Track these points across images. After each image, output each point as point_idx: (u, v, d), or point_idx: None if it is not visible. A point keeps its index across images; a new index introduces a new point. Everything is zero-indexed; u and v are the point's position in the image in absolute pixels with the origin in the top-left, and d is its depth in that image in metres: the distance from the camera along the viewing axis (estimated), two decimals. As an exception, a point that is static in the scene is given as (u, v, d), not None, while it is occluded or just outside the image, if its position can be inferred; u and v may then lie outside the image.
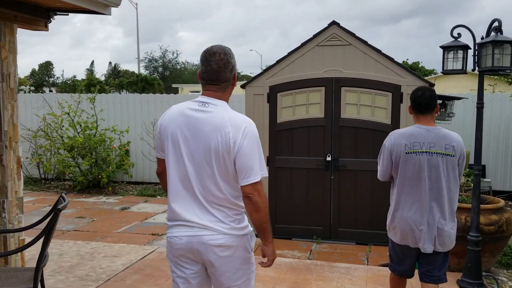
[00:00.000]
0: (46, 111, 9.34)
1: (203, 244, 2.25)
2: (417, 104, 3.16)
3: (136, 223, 6.63)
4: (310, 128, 5.85)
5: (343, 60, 5.72)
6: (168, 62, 56.42)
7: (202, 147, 2.23)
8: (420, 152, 3.05)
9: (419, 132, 3.11)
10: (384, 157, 3.20)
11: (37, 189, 9.28)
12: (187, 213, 2.26)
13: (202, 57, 2.32)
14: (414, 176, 3.06)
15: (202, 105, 2.29)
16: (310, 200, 5.89)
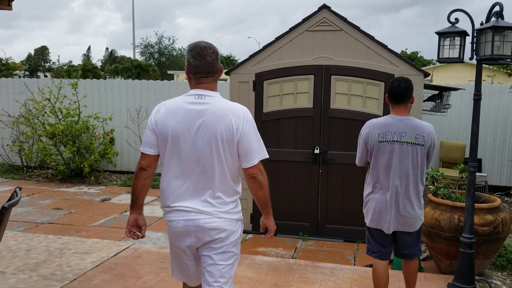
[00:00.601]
0: (27, 97, 8.96)
1: (200, 227, 2.43)
2: (392, 94, 3.33)
3: (114, 216, 6.32)
4: (298, 119, 5.52)
5: (334, 46, 5.38)
6: (164, 48, 55.73)
7: (206, 138, 2.39)
8: (392, 141, 3.25)
9: (392, 121, 3.29)
10: (360, 145, 3.46)
11: (18, 177, 8.95)
12: (187, 200, 2.44)
13: (195, 53, 2.43)
14: (385, 163, 3.27)
15: (198, 97, 2.43)
16: (297, 194, 5.59)
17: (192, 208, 2.44)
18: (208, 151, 2.41)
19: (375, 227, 3.41)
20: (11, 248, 4.76)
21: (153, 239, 5.35)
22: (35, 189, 7.94)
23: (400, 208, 3.26)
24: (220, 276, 2.50)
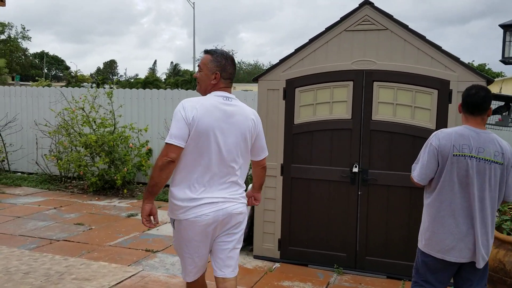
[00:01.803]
0: (63, 106, 8.80)
1: (226, 214, 2.77)
2: (468, 103, 2.95)
3: (135, 235, 5.83)
4: (334, 132, 4.78)
5: (377, 48, 4.61)
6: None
7: (236, 134, 2.77)
8: (469, 156, 2.84)
9: (468, 133, 2.89)
10: (428, 157, 2.95)
11: (54, 188, 8.78)
12: (216, 191, 2.74)
13: (232, 61, 2.90)
14: (460, 181, 2.86)
15: (227, 99, 2.80)
16: (331, 219, 4.83)
17: (220, 198, 2.75)
18: (236, 147, 2.79)
19: (434, 255, 2.94)
20: (10, 269, 4.37)
21: (167, 265, 4.78)
22: (65, 202, 7.67)
23: (473, 236, 2.84)
24: (237, 259, 2.92)
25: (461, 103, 3.02)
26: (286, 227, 4.98)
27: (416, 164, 3.09)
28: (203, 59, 2.89)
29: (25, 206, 7.23)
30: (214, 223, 2.72)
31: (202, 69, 2.87)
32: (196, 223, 2.69)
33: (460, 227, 2.85)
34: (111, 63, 80.00)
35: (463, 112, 3.01)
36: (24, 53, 61.12)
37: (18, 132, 10.01)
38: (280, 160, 4.95)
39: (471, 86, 3.02)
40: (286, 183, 4.96)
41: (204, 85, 2.88)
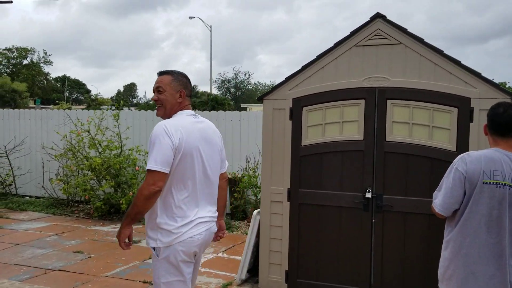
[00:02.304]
0: (70, 129, 8.63)
1: (211, 234, 2.85)
2: (496, 123, 2.61)
3: (134, 264, 5.50)
4: (344, 154, 4.42)
5: (390, 64, 4.28)
6: (240, 83, 56.63)
7: (214, 151, 2.87)
8: (502, 184, 2.47)
9: (500, 158, 2.53)
10: (453, 184, 2.56)
11: (59, 212, 8.53)
12: (204, 211, 2.76)
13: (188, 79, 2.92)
14: (489, 214, 2.49)
15: (196, 117, 2.85)
16: (343, 249, 4.43)
17: (208, 217, 2.80)
18: (214, 163, 2.85)
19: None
20: (-5, 303, 4.07)
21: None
22: (68, 227, 7.40)
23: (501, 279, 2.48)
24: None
25: (487, 123, 2.69)
26: (294, 257, 4.60)
27: (438, 192, 2.70)
28: (162, 80, 2.85)
29: (27, 232, 6.98)
30: (203, 243, 2.77)
31: (165, 90, 2.81)
32: (191, 244, 2.68)
33: (486, 267, 2.46)
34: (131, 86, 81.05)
35: (491, 133, 2.67)
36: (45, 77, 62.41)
37: (27, 155, 9.87)
38: (287, 184, 4.60)
39: (497, 104, 2.69)
40: (294, 210, 4.59)
41: (170, 105, 2.83)
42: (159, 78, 2.88)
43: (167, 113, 2.83)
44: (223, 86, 56.73)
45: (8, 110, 10.33)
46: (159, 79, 2.86)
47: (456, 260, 2.55)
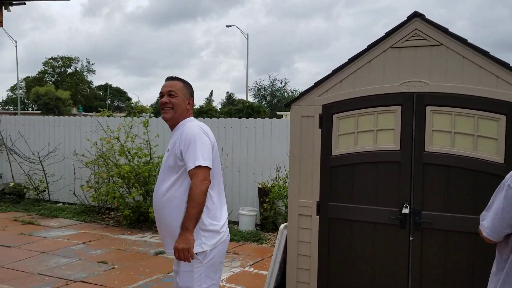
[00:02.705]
0: (100, 136, 8.59)
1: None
2: None
3: (157, 277, 5.30)
4: (379, 165, 4.07)
5: (430, 67, 3.91)
6: (276, 91, 56.46)
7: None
8: None
9: None
10: (505, 205, 2.16)
11: (90, 220, 8.50)
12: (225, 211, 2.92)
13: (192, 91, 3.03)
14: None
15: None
16: (377, 269, 4.07)
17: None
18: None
19: None
20: (10, 316, 3.94)
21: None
22: (96, 235, 7.32)
23: None
24: None
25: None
26: (323, 276, 4.27)
27: (486, 212, 2.31)
28: (174, 85, 2.88)
29: (54, 240, 6.93)
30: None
31: (177, 95, 2.85)
32: (227, 243, 2.83)
33: None
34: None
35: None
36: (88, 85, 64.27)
37: (60, 162, 9.94)
38: (316, 197, 4.28)
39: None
40: (323, 225, 4.27)
41: (180, 110, 2.86)
42: (170, 82, 2.91)
43: (176, 117, 2.84)
44: (259, 94, 56.78)
45: (43, 117, 10.46)
46: (171, 84, 2.89)
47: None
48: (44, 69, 60.19)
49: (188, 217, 2.52)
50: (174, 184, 2.67)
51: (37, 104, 42.30)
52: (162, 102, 2.85)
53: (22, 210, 9.24)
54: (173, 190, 2.67)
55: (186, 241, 2.51)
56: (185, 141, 2.65)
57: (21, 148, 10.30)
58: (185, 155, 2.63)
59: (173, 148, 2.73)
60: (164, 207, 2.70)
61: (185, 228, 2.53)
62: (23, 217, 8.60)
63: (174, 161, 2.70)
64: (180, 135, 2.73)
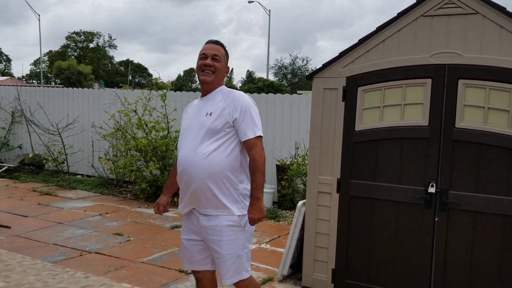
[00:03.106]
0: (118, 108, 8.49)
1: None
2: None
3: (172, 250, 5.22)
4: (405, 141, 3.85)
5: (464, 37, 3.63)
6: (298, 69, 55.83)
7: None
8: None
9: None
10: None
11: (107, 192, 8.48)
12: None
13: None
14: None
15: None
16: (399, 250, 3.89)
17: None
18: None
19: None
20: (22, 287, 3.89)
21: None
22: (113, 208, 7.28)
23: None
24: None
25: None
26: (342, 255, 4.11)
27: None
28: (219, 50, 2.83)
29: (71, 211, 6.92)
30: None
31: (221, 60, 2.81)
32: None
33: None
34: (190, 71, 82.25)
35: None
36: (110, 60, 64.56)
37: (79, 134, 9.92)
38: (337, 174, 4.09)
39: None
40: (344, 202, 4.08)
41: (220, 75, 2.83)
42: (215, 46, 2.84)
43: (215, 81, 2.80)
44: (279, 72, 56.20)
45: (62, 89, 10.43)
46: (216, 47, 2.83)
47: None
48: (67, 44, 60.58)
49: (258, 187, 2.66)
50: (219, 148, 2.67)
51: (60, 78, 42.70)
52: (205, 64, 2.75)
53: (41, 181, 9.28)
54: (217, 153, 2.66)
55: (260, 210, 2.67)
56: (240, 109, 2.68)
57: (40, 120, 10.30)
58: (241, 123, 2.68)
59: (222, 113, 2.70)
60: (204, 168, 2.64)
61: (256, 198, 2.66)
62: (41, 187, 8.64)
63: (221, 126, 2.68)
64: (233, 102, 2.71)
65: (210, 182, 2.64)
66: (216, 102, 2.75)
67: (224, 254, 2.70)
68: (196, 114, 2.80)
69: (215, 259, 2.77)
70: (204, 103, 2.81)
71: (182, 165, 2.72)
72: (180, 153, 2.77)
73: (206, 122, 2.70)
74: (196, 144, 2.68)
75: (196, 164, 2.65)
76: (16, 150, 10.82)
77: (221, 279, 2.77)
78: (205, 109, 2.76)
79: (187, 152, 2.71)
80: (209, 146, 2.66)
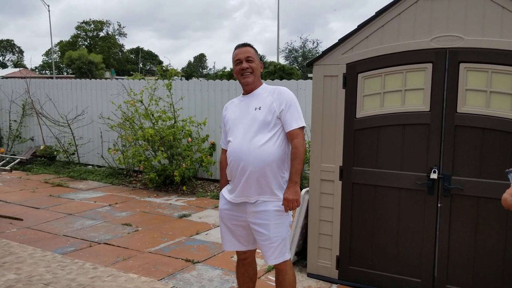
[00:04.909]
0: (125, 99, 8.53)
1: None
2: None
3: (180, 239, 5.28)
4: (406, 127, 3.82)
5: (465, 20, 3.56)
6: (308, 52, 55.34)
7: None
8: None
9: None
10: None
11: (117, 182, 8.59)
12: None
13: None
14: None
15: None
16: (403, 236, 3.89)
17: None
18: None
19: None
20: (33, 278, 3.98)
21: (203, 280, 4.14)
22: (123, 198, 7.38)
23: None
24: None
25: None
26: (345, 242, 4.12)
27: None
28: (249, 51, 3.05)
29: (81, 202, 7.03)
30: None
31: (254, 59, 3.04)
32: None
33: None
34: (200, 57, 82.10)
35: None
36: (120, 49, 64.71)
37: (89, 125, 10.01)
38: (339, 162, 4.09)
39: None
40: (346, 190, 4.08)
41: (258, 73, 3.07)
42: (245, 48, 3.06)
43: (255, 80, 3.04)
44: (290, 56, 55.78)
45: (70, 80, 10.49)
46: (247, 49, 3.05)
47: None
48: (77, 33, 60.82)
49: (296, 172, 2.92)
50: (271, 139, 2.92)
51: (71, 68, 42.98)
52: (243, 68, 3.01)
53: (53, 173, 9.42)
54: (270, 144, 2.91)
55: (296, 193, 2.92)
56: (286, 102, 2.96)
57: (50, 112, 10.41)
58: (286, 115, 2.95)
59: (271, 107, 2.96)
60: (258, 157, 2.88)
61: (294, 182, 2.92)
62: (53, 179, 8.77)
63: (271, 118, 2.94)
64: (279, 96, 2.99)
65: (264, 169, 2.89)
66: (263, 97, 3.01)
67: (271, 236, 2.94)
68: (243, 110, 3.03)
69: (261, 241, 2.99)
70: (250, 99, 3.05)
71: (237, 154, 2.93)
72: (233, 145, 2.98)
73: (257, 115, 2.95)
74: (250, 135, 2.92)
75: (252, 153, 2.89)
76: (28, 143, 10.98)
77: (267, 260, 3.01)
78: (253, 104, 3.01)
79: (241, 143, 2.94)
80: (263, 137, 2.91)
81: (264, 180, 2.90)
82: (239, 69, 3.02)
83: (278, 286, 3.15)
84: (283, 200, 2.93)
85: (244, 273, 3.31)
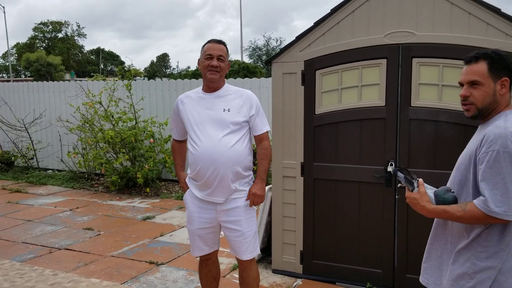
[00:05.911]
0: (83, 101, 8.34)
1: None
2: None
3: (143, 242, 5.21)
4: (363, 122, 3.90)
5: (416, 16, 3.67)
6: (272, 50, 55.58)
7: None
8: None
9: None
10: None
11: (78, 186, 8.39)
12: None
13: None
14: None
15: None
16: (363, 229, 3.97)
17: None
18: None
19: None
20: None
21: (168, 282, 4.11)
22: (84, 202, 7.22)
23: None
24: None
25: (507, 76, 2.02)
26: (309, 237, 4.17)
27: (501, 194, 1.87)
28: (223, 49, 3.04)
29: (41, 208, 6.83)
30: None
31: (225, 60, 3.04)
32: None
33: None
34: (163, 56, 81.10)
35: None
36: (80, 50, 63.15)
37: (47, 128, 9.74)
38: (300, 158, 4.13)
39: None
40: (308, 185, 4.13)
41: (224, 73, 3.06)
42: (219, 46, 3.04)
43: (220, 80, 3.05)
44: (254, 54, 55.83)
45: (26, 83, 10.18)
46: (221, 48, 3.03)
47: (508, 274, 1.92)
48: (34, 35, 59.00)
49: (265, 170, 3.08)
50: (239, 140, 2.99)
51: (29, 70, 41.67)
52: (212, 65, 2.97)
53: (11, 178, 9.12)
54: (239, 144, 2.98)
55: (263, 189, 3.06)
56: (256, 107, 3.07)
57: (6, 116, 10.07)
58: (256, 119, 3.06)
59: (241, 110, 3.02)
60: (230, 158, 2.93)
61: (262, 179, 3.07)
62: (11, 185, 8.49)
63: (241, 120, 3.01)
64: (248, 101, 3.06)
65: (235, 168, 2.95)
66: (230, 99, 3.04)
67: (245, 231, 3.02)
68: (208, 109, 3.01)
69: (234, 237, 3.03)
70: (214, 100, 3.04)
71: (208, 156, 2.92)
72: (203, 146, 2.94)
73: (226, 116, 2.98)
74: (218, 136, 2.94)
75: (223, 153, 2.92)
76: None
77: (241, 256, 3.07)
78: (220, 105, 3.01)
79: (211, 143, 2.94)
80: (232, 138, 2.96)
81: (235, 178, 2.98)
82: (208, 64, 2.98)
83: (242, 282, 3.18)
84: (251, 194, 3.02)
85: (208, 273, 3.31)
